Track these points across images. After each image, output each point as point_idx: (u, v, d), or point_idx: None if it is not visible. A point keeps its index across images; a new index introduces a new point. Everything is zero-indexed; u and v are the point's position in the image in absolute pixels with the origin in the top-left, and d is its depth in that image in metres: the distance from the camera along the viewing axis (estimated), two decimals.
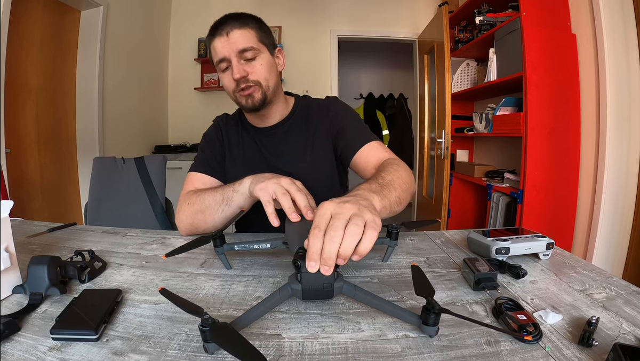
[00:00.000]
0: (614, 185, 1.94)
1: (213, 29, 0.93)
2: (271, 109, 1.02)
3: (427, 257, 0.77)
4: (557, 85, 2.09)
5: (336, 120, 1.04)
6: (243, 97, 0.94)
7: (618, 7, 1.90)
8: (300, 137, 1.05)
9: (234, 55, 0.91)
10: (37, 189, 2.37)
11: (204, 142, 1.09)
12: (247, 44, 0.91)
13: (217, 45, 0.91)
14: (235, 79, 0.91)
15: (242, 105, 0.97)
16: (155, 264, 0.74)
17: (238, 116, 1.12)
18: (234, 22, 0.91)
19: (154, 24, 3.52)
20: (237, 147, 1.07)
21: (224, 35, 0.91)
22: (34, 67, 2.33)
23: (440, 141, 3.00)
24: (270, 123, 1.05)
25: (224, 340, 0.40)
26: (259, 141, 1.06)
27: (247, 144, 1.07)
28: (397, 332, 0.49)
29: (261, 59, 0.94)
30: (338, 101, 1.10)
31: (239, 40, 0.91)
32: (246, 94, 0.93)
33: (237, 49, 0.90)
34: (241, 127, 1.09)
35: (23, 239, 0.88)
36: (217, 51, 0.92)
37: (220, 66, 0.93)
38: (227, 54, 0.91)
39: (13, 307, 0.55)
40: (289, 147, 1.04)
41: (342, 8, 3.78)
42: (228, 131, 1.09)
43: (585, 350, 0.44)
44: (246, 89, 0.93)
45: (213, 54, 0.94)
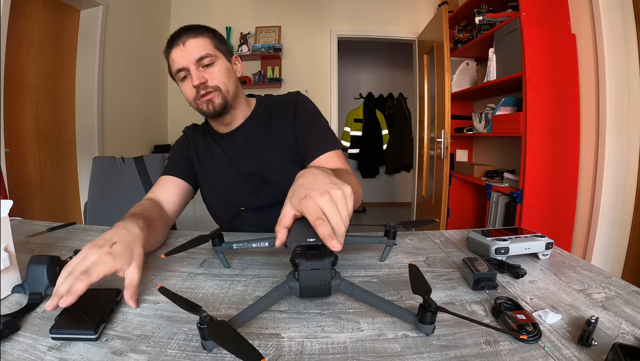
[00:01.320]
0: (614, 185, 1.94)
1: (170, 42, 0.95)
2: (233, 114, 1.03)
3: (427, 257, 0.77)
4: (557, 85, 2.09)
5: (301, 118, 1.03)
6: (204, 103, 0.95)
7: (618, 7, 1.90)
8: (263, 136, 1.05)
9: (191, 63, 0.92)
10: (36, 188, 2.37)
11: (172, 150, 1.12)
12: (203, 52, 0.93)
13: (175, 56, 0.93)
14: (195, 86, 0.92)
15: (203, 112, 0.97)
16: (155, 263, 0.74)
17: (205, 124, 1.13)
18: (188, 32, 0.93)
19: (154, 23, 3.52)
20: (205, 156, 1.09)
21: (180, 45, 0.92)
22: (34, 66, 2.33)
23: (440, 141, 3.00)
24: (232, 127, 1.06)
25: (221, 337, 0.40)
26: (224, 146, 1.07)
27: (214, 151, 1.08)
28: (396, 332, 0.49)
29: (219, 65, 0.95)
30: (301, 97, 1.08)
31: (196, 49, 0.92)
32: (206, 99, 0.94)
33: (194, 58, 0.92)
34: (208, 135, 1.11)
35: (22, 238, 0.88)
36: (175, 62, 0.93)
37: (179, 75, 0.94)
38: (185, 64, 0.92)
39: (13, 307, 0.55)
40: (253, 148, 1.05)
41: (342, 8, 3.79)
42: (195, 140, 1.11)
43: (585, 350, 0.44)
44: (206, 95, 0.94)
45: (172, 65, 0.95)
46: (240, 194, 1.06)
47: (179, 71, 0.93)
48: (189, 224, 2.74)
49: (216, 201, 1.11)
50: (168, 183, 1.01)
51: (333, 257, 0.48)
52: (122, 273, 0.57)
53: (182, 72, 0.93)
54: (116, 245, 0.59)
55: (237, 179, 1.05)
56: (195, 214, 2.60)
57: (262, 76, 3.68)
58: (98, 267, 0.54)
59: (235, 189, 1.06)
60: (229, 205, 1.08)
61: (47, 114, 2.46)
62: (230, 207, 1.07)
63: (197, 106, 0.97)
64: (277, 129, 1.04)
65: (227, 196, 1.07)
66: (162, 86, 3.75)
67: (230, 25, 3.70)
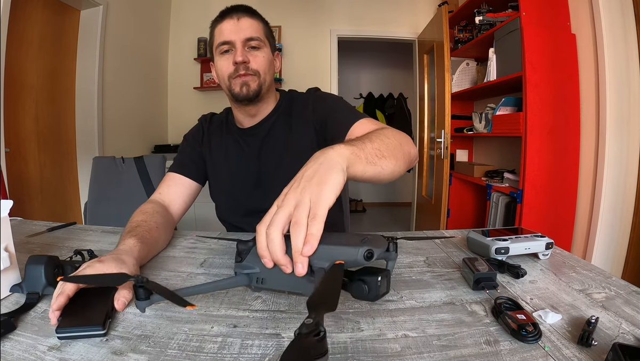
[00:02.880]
0: (614, 185, 1.94)
1: (223, 13, 0.92)
2: (260, 106, 1.00)
3: (427, 257, 0.77)
4: (557, 85, 2.09)
5: (320, 108, 0.99)
6: (238, 83, 0.92)
7: (618, 7, 1.90)
8: (282, 135, 1.02)
9: (239, 40, 0.90)
10: (36, 188, 2.37)
11: (184, 143, 1.09)
12: (255, 34, 0.91)
13: (225, 27, 0.90)
14: (237, 62, 0.89)
15: (235, 93, 0.93)
16: (154, 263, 0.74)
17: (225, 115, 1.10)
18: (245, 11, 0.92)
19: (154, 23, 3.52)
20: (219, 149, 1.06)
21: (234, 18, 0.90)
22: (34, 66, 2.33)
23: (440, 141, 3.00)
24: (255, 122, 1.03)
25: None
26: (242, 141, 1.04)
27: (229, 145, 1.05)
28: (396, 332, 0.49)
29: (264, 52, 0.94)
30: (319, 92, 1.05)
31: (249, 28, 0.91)
32: (242, 80, 0.91)
33: (244, 36, 0.90)
34: (225, 128, 1.08)
35: (22, 238, 0.88)
36: (223, 33, 0.91)
37: (222, 47, 0.91)
38: (234, 38, 0.90)
39: (11, 306, 0.55)
40: (271, 145, 1.02)
41: (342, 8, 3.79)
42: (211, 132, 1.08)
43: (585, 350, 0.44)
44: (244, 76, 0.91)
45: (217, 35, 0.92)
46: (249, 194, 1.03)
47: (224, 43, 0.90)
48: (189, 224, 2.75)
49: (223, 198, 1.08)
50: (175, 183, 1.00)
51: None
52: None
53: (225, 45, 0.91)
54: (106, 257, 0.60)
55: (248, 177, 1.03)
56: (195, 214, 2.60)
57: None
58: (87, 271, 0.55)
59: (245, 188, 1.03)
60: (237, 204, 1.05)
61: (47, 114, 2.46)
62: (239, 207, 1.05)
63: (230, 85, 0.93)
64: (297, 129, 1.01)
65: (236, 195, 1.05)
66: (162, 86, 3.75)
67: None
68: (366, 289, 0.46)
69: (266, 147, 1.02)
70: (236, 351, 0.44)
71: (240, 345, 0.46)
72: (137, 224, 0.77)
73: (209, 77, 3.78)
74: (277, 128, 1.02)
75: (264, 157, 1.02)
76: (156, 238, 0.78)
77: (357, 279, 0.47)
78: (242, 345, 0.46)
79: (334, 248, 0.45)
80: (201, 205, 1.15)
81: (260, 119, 1.03)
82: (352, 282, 0.47)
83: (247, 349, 0.45)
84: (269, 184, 1.01)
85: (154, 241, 0.76)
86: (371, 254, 0.44)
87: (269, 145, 1.02)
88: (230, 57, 0.91)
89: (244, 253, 0.51)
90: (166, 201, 0.96)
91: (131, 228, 0.76)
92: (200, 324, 0.50)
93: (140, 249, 0.69)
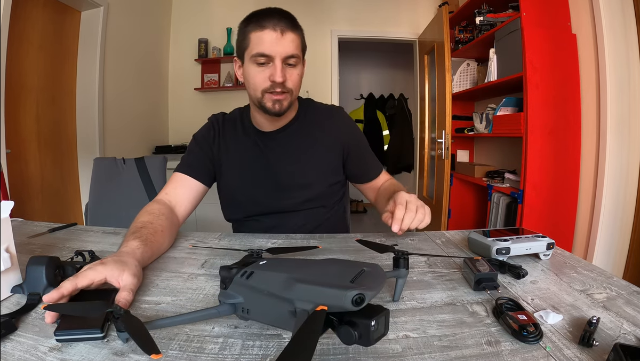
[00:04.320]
0: (615, 185, 1.93)
1: (261, 20, 0.88)
2: (285, 116, 1.01)
3: (428, 257, 0.77)
4: (558, 85, 2.09)
5: (349, 134, 1.08)
6: (271, 100, 0.91)
7: (618, 7, 1.90)
8: (304, 141, 1.04)
9: (280, 57, 0.88)
10: (37, 189, 2.38)
11: (193, 142, 1.07)
12: (295, 51, 0.89)
13: (267, 39, 0.87)
14: (278, 82, 0.89)
15: (265, 107, 0.93)
16: (156, 264, 0.74)
17: (239, 115, 1.09)
18: (287, 22, 0.88)
19: (154, 24, 3.52)
20: (235, 149, 1.05)
21: (277, 31, 0.86)
22: (34, 67, 2.33)
23: (441, 141, 3.00)
24: (276, 127, 1.04)
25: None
26: (262, 143, 1.04)
27: (247, 146, 1.05)
28: (397, 332, 0.49)
29: (298, 69, 0.93)
30: (345, 114, 1.12)
31: (291, 45, 0.88)
32: (278, 98, 0.91)
33: (286, 53, 0.88)
34: (241, 128, 1.07)
35: (24, 239, 0.88)
36: (262, 44, 0.87)
37: (259, 59, 0.88)
38: (274, 54, 0.87)
39: (12, 307, 0.55)
40: (291, 151, 1.03)
41: (342, 8, 3.79)
42: (224, 132, 1.07)
43: (586, 350, 0.44)
44: (280, 94, 0.91)
45: (254, 43, 0.88)
46: (266, 195, 1.03)
47: (262, 55, 0.87)
48: (190, 224, 2.74)
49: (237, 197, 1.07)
50: (182, 185, 0.99)
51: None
52: (115, 280, 0.57)
53: (264, 58, 0.88)
54: (107, 259, 0.60)
55: (266, 179, 1.03)
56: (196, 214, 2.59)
57: None
58: (87, 272, 0.55)
59: (261, 189, 1.03)
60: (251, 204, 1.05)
61: (48, 115, 2.46)
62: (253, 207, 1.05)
63: (262, 98, 0.92)
64: (322, 140, 1.05)
65: (251, 195, 1.04)
66: (162, 87, 3.76)
67: (230, 26, 3.70)
68: (356, 336, 0.37)
69: (287, 153, 1.03)
70: (237, 352, 0.44)
71: (241, 346, 0.46)
72: (142, 225, 0.77)
73: (210, 78, 3.78)
74: (299, 135, 1.04)
75: (283, 162, 1.03)
76: (160, 240, 0.78)
77: (347, 321, 0.38)
78: (243, 346, 0.46)
79: (319, 289, 0.39)
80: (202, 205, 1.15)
81: (281, 125, 1.04)
82: (340, 325, 0.38)
83: (248, 350, 0.45)
84: (287, 188, 1.02)
85: (158, 243, 0.76)
86: (361, 299, 0.37)
87: (289, 150, 1.03)
88: (267, 71, 0.89)
89: (227, 280, 0.48)
90: (172, 202, 0.96)
91: (136, 229, 0.75)
92: (201, 325, 0.50)
93: (143, 251, 0.68)
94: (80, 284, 0.53)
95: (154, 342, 0.39)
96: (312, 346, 0.32)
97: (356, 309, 0.37)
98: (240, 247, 0.84)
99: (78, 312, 0.48)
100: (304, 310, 0.39)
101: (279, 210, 1.04)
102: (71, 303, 0.53)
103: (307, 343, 0.32)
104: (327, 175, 1.06)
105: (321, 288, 0.39)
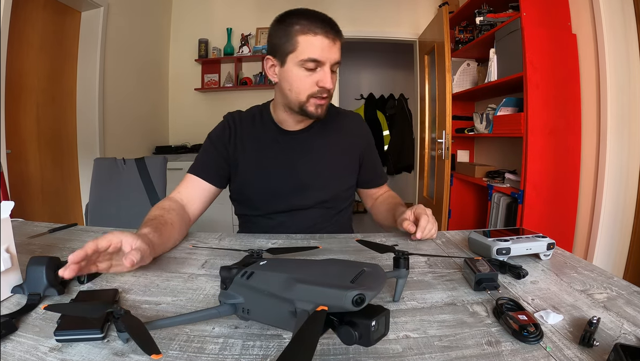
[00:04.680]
0: (615, 185, 1.93)
1: (313, 23, 0.88)
2: None
3: (428, 257, 0.77)
4: (558, 85, 2.09)
5: (367, 142, 1.14)
6: (314, 104, 0.93)
7: (618, 7, 1.90)
8: (325, 143, 1.06)
9: (330, 63, 0.90)
10: (37, 190, 2.38)
11: (208, 142, 1.07)
12: (340, 58, 0.93)
13: (320, 45, 0.88)
14: (328, 88, 0.91)
15: (307, 111, 0.94)
16: (156, 264, 0.74)
17: (258, 112, 1.09)
18: (336, 30, 0.91)
19: (155, 24, 3.53)
20: (252, 146, 1.04)
21: (330, 39, 0.89)
22: (35, 68, 2.34)
23: (441, 142, 3.00)
24: (300, 127, 1.05)
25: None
26: (282, 140, 1.05)
27: (266, 142, 1.05)
28: (397, 333, 0.49)
29: (337, 74, 0.97)
30: (363, 121, 1.18)
31: (339, 52, 0.92)
32: (322, 103, 0.94)
33: (335, 60, 0.91)
34: (260, 124, 1.06)
35: (24, 240, 0.88)
36: (314, 49, 0.88)
37: (309, 64, 0.89)
38: (325, 60, 0.89)
39: (13, 307, 0.55)
40: (313, 151, 1.05)
41: (343, 9, 3.78)
42: (241, 129, 1.06)
43: (586, 350, 0.44)
44: (324, 99, 0.94)
45: (305, 46, 0.88)
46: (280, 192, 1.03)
47: (313, 61, 0.89)
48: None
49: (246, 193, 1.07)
50: (194, 186, 1.00)
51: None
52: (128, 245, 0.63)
53: (314, 63, 0.89)
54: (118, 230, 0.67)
55: (282, 177, 1.03)
56: None
57: (263, 77, 3.69)
58: (106, 236, 0.62)
59: (280, 186, 1.03)
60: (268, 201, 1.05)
61: (48, 115, 2.46)
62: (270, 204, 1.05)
63: (305, 102, 0.93)
64: (343, 145, 1.08)
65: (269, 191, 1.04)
66: (163, 87, 3.76)
67: (231, 26, 3.71)
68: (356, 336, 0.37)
69: (307, 152, 1.04)
70: (237, 352, 0.44)
71: (242, 346, 0.46)
72: (153, 218, 0.82)
73: (210, 78, 3.79)
74: (320, 137, 1.07)
75: (304, 161, 1.04)
76: (169, 232, 0.81)
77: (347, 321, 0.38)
78: (243, 346, 0.46)
79: (319, 289, 0.39)
80: None
81: (305, 125, 1.06)
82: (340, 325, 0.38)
83: (248, 350, 0.45)
84: (304, 187, 1.03)
85: (167, 234, 0.79)
86: (362, 299, 0.37)
87: (310, 151, 1.05)
88: (315, 76, 0.91)
89: (227, 280, 0.49)
90: (184, 200, 0.97)
91: (147, 221, 0.80)
92: (202, 325, 0.50)
93: (153, 237, 0.73)
94: (100, 244, 0.59)
95: (154, 342, 0.40)
96: (312, 346, 0.32)
97: (356, 309, 0.37)
98: (241, 247, 0.84)
99: (78, 312, 0.48)
100: (304, 310, 0.39)
101: (291, 208, 1.04)
102: (71, 303, 0.53)
103: (308, 343, 0.32)
104: (343, 178, 1.09)
105: (321, 288, 0.39)
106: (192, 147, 3.56)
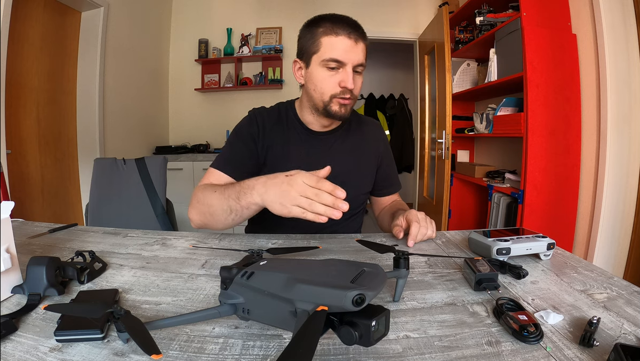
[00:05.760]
0: (615, 185, 1.93)
1: (336, 25, 0.91)
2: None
3: (428, 257, 0.77)
4: (558, 85, 2.09)
5: (386, 150, 1.17)
6: (338, 104, 0.95)
7: (618, 7, 1.90)
8: (348, 148, 1.08)
9: (352, 64, 0.91)
10: (38, 190, 2.38)
11: (233, 137, 1.05)
12: (363, 59, 0.94)
13: (341, 46, 0.90)
14: (350, 88, 0.92)
15: (331, 111, 0.96)
16: (156, 265, 0.74)
17: (284, 111, 1.09)
18: (359, 31, 0.92)
19: (155, 24, 3.53)
20: (281, 143, 1.04)
21: (352, 39, 0.90)
22: (35, 68, 2.34)
23: (441, 142, 3.00)
24: (326, 128, 1.06)
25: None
26: (306, 140, 1.05)
27: (290, 139, 1.05)
28: (398, 333, 0.49)
29: (361, 77, 0.97)
30: (382, 128, 1.21)
31: (362, 54, 0.93)
32: (345, 103, 0.95)
33: (357, 61, 0.92)
34: (287, 122, 1.06)
35: (24, 240, 0.88)
36: (335, 50, 0.90)
37: (331, 64, 0.91)
38: (347, 60, 0.90)
39: (13, 307, 0.55)
40: (336, 154, 1.06)
41: (343, 9, 3.76)
42: (268, 126, 1.05)
43: (586, 350, 0.44)
44: (346, 100, 0.94)
45: (327, 47, 0.91)
46: None
47: (335, 61, 0.91)
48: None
49: None
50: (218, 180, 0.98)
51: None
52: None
53: (336, 63, 0.91)
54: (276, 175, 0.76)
55: None
56: None
57: (264, 77, 3.69)
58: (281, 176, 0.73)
59: None
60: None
61: (48, 115, 2.46)
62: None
63: (329, 102, 0.95)
64: (365, 151, 1.11)
65: None
66: (163, 87, 3.76)
67: (231, 26, 3.71)
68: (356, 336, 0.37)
69: (329, 154, 1.06)
70: (237, 353, 0.44)
71: (242, 346, 0.46)
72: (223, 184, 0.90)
73: (210, 78, 3.79)
74: (343, 140, 1.09)
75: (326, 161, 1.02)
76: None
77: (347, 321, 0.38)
78: (243, 346, 0.46)
79: (319, 289, 0.39)
80: None
81: (332, 127, 1.07)
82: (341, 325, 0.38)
83: (248, 350, 0.45)
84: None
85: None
86: (362, 299, 0.37)
87: (332, 152, 1.06)
88: (337, 76, 0.92)
89: (228, 280, 0.48)
90: None
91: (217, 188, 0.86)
92: (202, 325, 0.50)
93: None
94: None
95: (155, 342, 0.40)
96: (312, 346, 0.32)
97: (357, 309, 0.37)
98: (241, 247, 0.84)
99: (78, 312, 0.48)
100: (305, 310, 0.39)
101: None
102: (72, 304, 0.53)
103: (308, 343, 0.32)
104: (362, 182, 1.11)
105: (322, 289, 0.39)
106: (192, 147, 3.56)
